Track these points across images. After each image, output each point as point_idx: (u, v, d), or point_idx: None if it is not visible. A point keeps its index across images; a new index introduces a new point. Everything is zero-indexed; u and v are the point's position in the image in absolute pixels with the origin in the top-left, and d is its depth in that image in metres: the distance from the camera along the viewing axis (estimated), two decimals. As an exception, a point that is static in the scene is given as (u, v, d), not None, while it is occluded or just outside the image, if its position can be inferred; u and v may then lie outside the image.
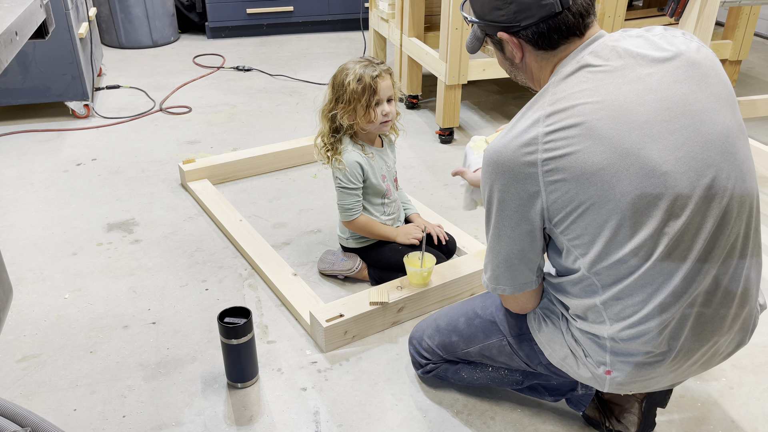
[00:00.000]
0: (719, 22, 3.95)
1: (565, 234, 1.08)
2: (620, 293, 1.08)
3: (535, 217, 1.08)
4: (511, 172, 1.06)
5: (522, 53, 1.14)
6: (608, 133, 1.00)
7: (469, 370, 1.44)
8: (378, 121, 1.73)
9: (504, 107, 3.28)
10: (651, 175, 1.00)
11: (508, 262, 1.16)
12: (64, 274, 1.94)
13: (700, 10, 2.23)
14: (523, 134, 1.05)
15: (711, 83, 1.06)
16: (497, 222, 1.13)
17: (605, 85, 1.03)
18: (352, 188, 1.77)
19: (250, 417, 1.45)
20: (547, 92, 1.07)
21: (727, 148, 1.04)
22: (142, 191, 2.42)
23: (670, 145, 1.01)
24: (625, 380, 1.16)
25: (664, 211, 1.01)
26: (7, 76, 2.84)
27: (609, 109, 1.01)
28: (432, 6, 3.23)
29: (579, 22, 1.07)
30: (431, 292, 1.76)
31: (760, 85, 3.60)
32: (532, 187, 1.05)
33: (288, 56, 4.05)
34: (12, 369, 1.58)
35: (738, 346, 1.19)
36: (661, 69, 1.04)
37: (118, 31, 4.09)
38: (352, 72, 1.69)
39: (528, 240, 1.12)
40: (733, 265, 1.09)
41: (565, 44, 1.09)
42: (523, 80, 1.23)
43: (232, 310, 1.49)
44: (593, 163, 1.00)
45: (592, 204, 1.02)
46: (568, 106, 1.02)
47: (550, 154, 1.02)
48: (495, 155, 1.08)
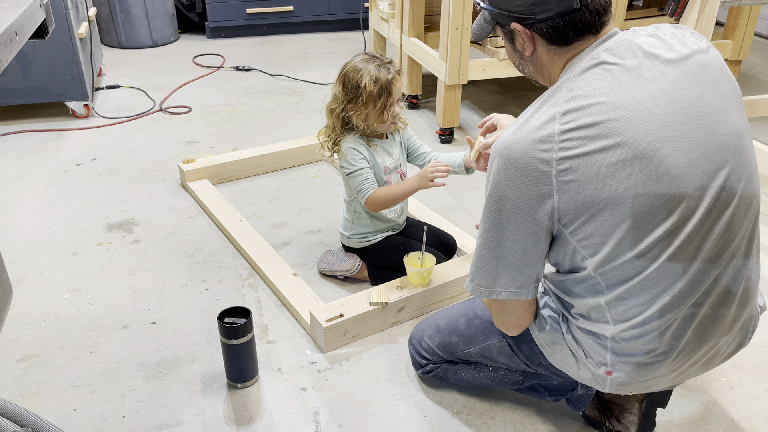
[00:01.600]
0: (719, 22, 3.95)
1: (575, 234, 1.05)
2: (625, 293, 1.07)
3: (544, 218, 1.05)
4: (523, 169, 1.02)
5: (533, 47, 1.11)
6: (625, 133, 0.99)
7: (469, 370, 1.43)
8: (389, 122, 1.74)
9: (504, 107, 3.27)
10: (665, 177, 0.99)
11: (508, 261, 1.11)
12: (64, 274, 1.94)
13: (700, 10, 2.23)
14: (538, 130, 1.02)
15: (721, 84, 1.06)
16: (502, 219, 1.08)
17: (621, 85, 1.01)
18: (356, 169, 1.75)
19: (250, 417, 1.45)
20: (562, 88, 1.04)
21: (737, 150, 1.04)
22: (142, 191, 2.42)
23: (684, 147, 1.00)
24: (626, 381, 1.15)
25: (675, 213, 1.01)
26: (7, 76, 2.84)
27: (626, 109, 0.99)
28: (432, 6, 3.23)
29: (595, 20, 1.05)
30: (431, 292, 1.76)
31: (760, 85, 3.60)
32: (544, 187, 1.02)
33: (288, 56, 4.05)
34: (12, 369, 1.58)
35: (738, 346, 1.19)
36: (675, 69, 1.03)
37: (118, 31, 4.09)
38: (366, 73, 1.67)
39: (532, 240, 1.08)
40: (736, 266, 1.10)
41: (579, 41, 1.06)
42: (531, 74, 1.20)
43: (232, 310, 1.49)
44: (609, 164, 0.99)
45: (606, 205, 1.00)
46: (585, 105, 1.00)
47: (566, 153, 0.99)
48: (507, 150, 1.04)
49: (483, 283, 1.15)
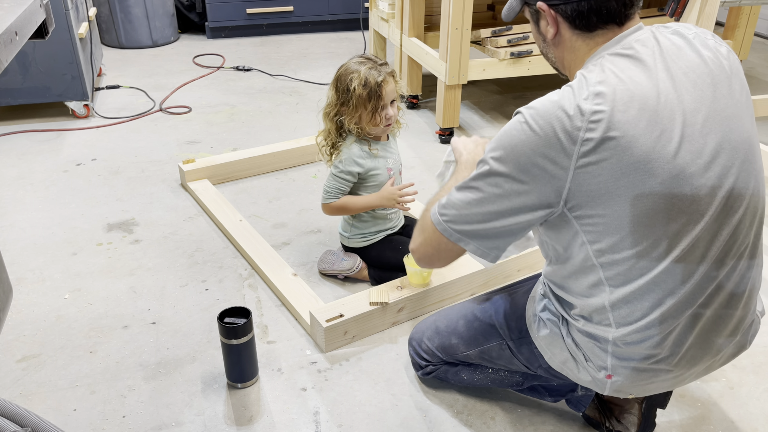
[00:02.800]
0: (719, 22, 3.95)
1: (581, 219, 1.04)
2: (630, 296, 1.06)
3: (549, 193, 1.02)
4: (545, 136, 0.99)
5: (556, 30, 1.10)
6: (648, 127, 0.98)
7: (469, 371, 1.43)
8: (382, 124, 1.73)
9: (504, 107, 3.27)
10: (680, 176, 0.99)
11: (493, 223, 1.08)
12: (64, 274, 1.94)
13: (700, 10, 2.23)
14: (569, 104, 0.99)
15: (736, 89, 1.06)
16: (501, 178, 1.04)
17: (648, 79, 1.00)
18: (342, 178, 1.78)
19: (250, 417, 1.45)
20: (593, 72, 1.02)
21: (748, 156, 1.05)
22: (142, 191, 2.42)
23: (700, 148, 1.00)
24: (626, 384, 1.15)
25: (684, 213, 1.01)
26: (7, 76, 2.84)
27: (654, 100, 0.99)
28: (432, 6, 3.23)
29: (621, 10, 1.05)
30: (431, 292, 1.76)
31: (760, 85, 3.60)
32: (563, 161, 0.99)
33: (288, 56, 4.05)
34: (12, 369, 1.58)
35: (740, 349, 1.19)
36: (697, 70, 1.04)
37: (118, 31, 4.09)
38: (356, 76, 1.67)
39: (529, 209, 1.05)
40: (743, 268, 1.10)
41: (602, 30, 1.06)
42: (553, 59, 1.17)
43: (232, 310, 1.49)
44: (631, 154, 0.98)
45: (617, 196, 1.00)
46: (613, 92, 0.98)
47: (592, 135, 0.97)
48: (535, 112, 1.01)
49: (456, 227, 1.12)
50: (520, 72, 2.81)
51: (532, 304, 1.28)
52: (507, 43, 2.79)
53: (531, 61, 2.80)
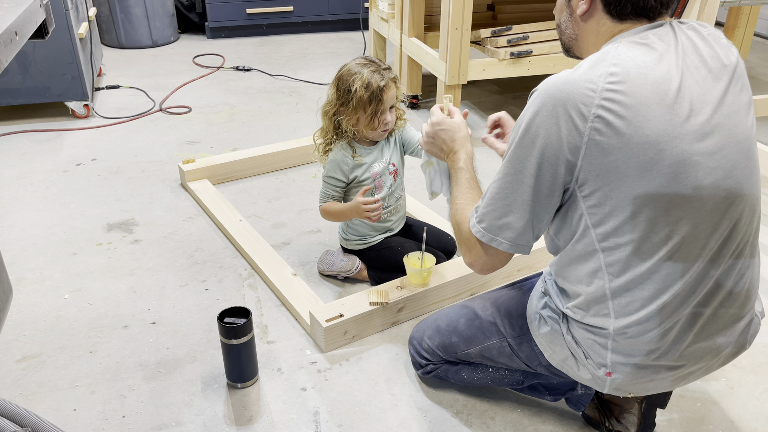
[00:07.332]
0: (719, 22, 3.95)
1: (588, 199, 1.05)
2: (630, 284, 1.07)
3: (563, 172, 1.05)
4: (566, 114, 1.02)
5: (589, 7, 1.10)
6: (659, 110, 1.00)
7: (470, 370, 1.44)
8: (379, 129, 1.73)
9: (504, 107, 3.28)
10: (687, 163, 1.01)
11: (520, 213, 1.11)
12: (64, 274, 1.94)
13: (700, 10, 2.23)
14: (583, 80, 1.01)
15: (741, 90, 1.09)
16: (526, 166, 1.07)
17: (660, 66, 1.02)
18: (327, 182, 1.80)
19: (249, 417, 1.45)
20: (609, 53, 1.03)
21: (749, 154, 1.07)
22: (141, 191, 2.42)
23: (706, 138, 1.02)
24: (626, 382, 1.15)
25: (686, 200, 1.02)
26: (7, 76, 2.84)
27: (666, 86, 1.00)
28: (432, 6, 3.23)
29: (656, 7, 1.07)
30: (431, 292, 1.76)
31: (760, 85, 3.60)
32: (577, 139, 1.02)
33: (288, 56, 4.05)
34: (12, 369, 1.58)
35: (740, 349, 1.19)
36: (708, 65, 1.06)
37: (118, 31, 4.09)
38: (359, 78, 1.66)
39: (547, 193, 1.08)
40: (742, 266, 1.11)
41: (632, 21, 1.08)
42: (571, 35, 1.18)
43: (232, 310, 1.49)
44: (642, 134, 0.99)
45: (626, 177, 1.01)
46: (626, 73, 1.00)
47: (603, 113, 0.99)
48: (555, 90, 1.03)
49: (489, 228, 1.15)
50: (519, 72, 2.82)
51: (533, 301, 1.28)
52: (507, 43, 2.79)
53: (531, 61, 2.80)
